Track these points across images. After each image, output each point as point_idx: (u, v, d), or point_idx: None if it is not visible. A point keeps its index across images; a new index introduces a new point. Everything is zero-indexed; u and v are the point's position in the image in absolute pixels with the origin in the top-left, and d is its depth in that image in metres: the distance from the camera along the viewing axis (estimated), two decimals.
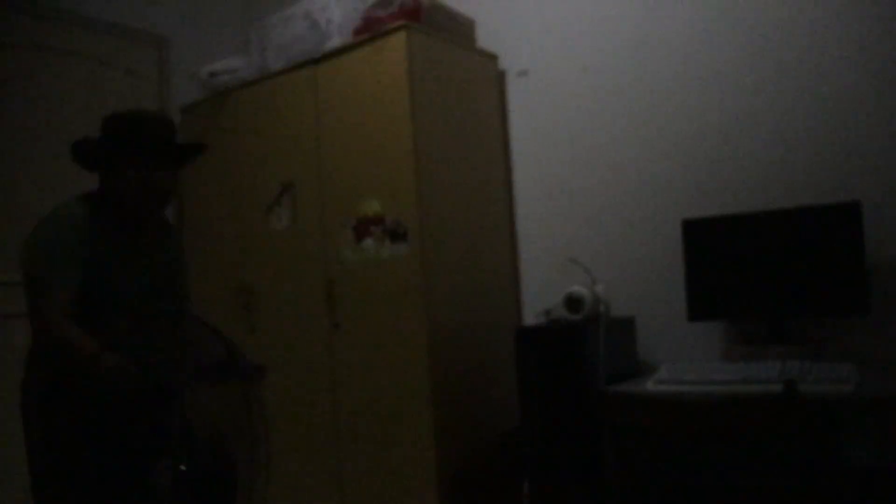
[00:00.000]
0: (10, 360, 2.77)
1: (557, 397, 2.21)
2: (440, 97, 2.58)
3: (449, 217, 2.56)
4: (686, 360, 2.36)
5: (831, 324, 2.17)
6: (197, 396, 1.43)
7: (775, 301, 2.17)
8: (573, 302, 2.36)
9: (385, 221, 2.51)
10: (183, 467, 1.25)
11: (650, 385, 2.03)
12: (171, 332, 1.71)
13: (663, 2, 2.55)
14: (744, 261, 2.23)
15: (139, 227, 1.87)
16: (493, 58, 2.90)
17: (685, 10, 2.50)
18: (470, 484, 2.49)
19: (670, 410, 2.39)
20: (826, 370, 1.85)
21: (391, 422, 2.48)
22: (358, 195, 2.59)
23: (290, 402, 2.78)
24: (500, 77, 2.93)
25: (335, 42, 2.75)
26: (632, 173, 2.60)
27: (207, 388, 1.50)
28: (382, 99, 2.52)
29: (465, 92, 2.72)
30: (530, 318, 2.75)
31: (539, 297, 2.76)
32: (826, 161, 2.23)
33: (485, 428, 2.58)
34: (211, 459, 1.31)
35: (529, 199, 2.86)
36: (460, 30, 2.81)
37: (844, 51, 2.21)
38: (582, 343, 2.20)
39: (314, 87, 2.74)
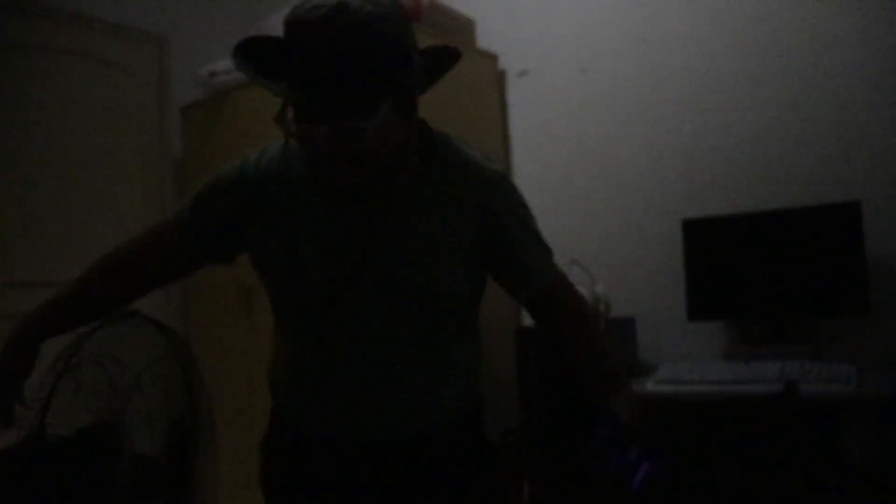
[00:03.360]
0: None
1: (557, 397, 2.21)
2: (440, 97, 2.56)
3: None
4: (686, 360, 2.36)
5: (831, 324, 2.17)
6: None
7: (775, 301, 2.17)
8: None
9: None
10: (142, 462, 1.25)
11: (650, 385, 2.03)
12: (404, 363, 1.17)
13: (663, 2, 2.55)
14: (744, 261, 2.23)
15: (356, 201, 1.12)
16: (493, 58, 2.90)
17: (685, 10, 2.50)
18: None
19: (670, 410, 2.39)
20: (826, 370, 1.85)
21: None
22: None
23: None
24: (500, 77, 2.93)
25: None
26: (632, 173, 2.60)
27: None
28: None
29: (465, 92, 2.71)
30: (530, 318, 2.74)
31: None
32: (826, 161, 2.23)
33: (485, 427, 2.57)
34: (169, 452, 1.29)
35: (529, 199, 2.82)
36: (460, 30, 2.81)
37: (845, 51, 2.20)
38: None
39: None
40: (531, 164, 2.85)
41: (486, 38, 2.93)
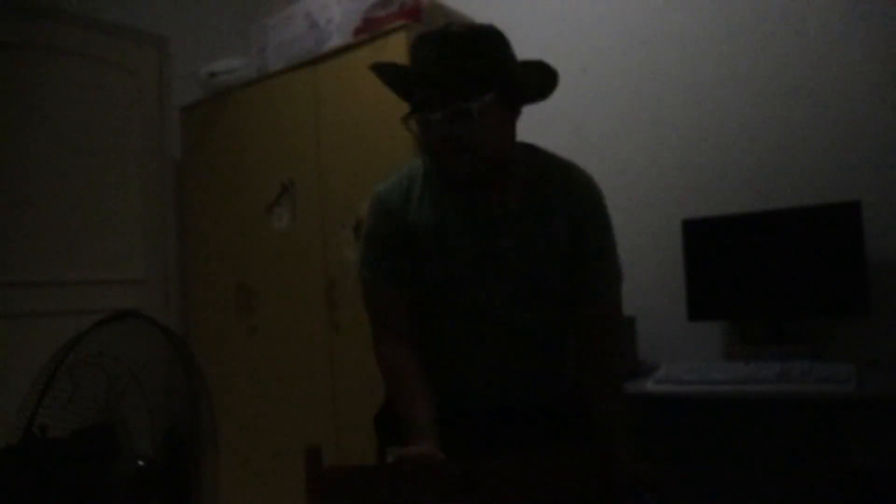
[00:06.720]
0: (13, 361, 2.78)
1: None
2: None
3: None
4: (686, 360, 2.36)
5: (831, 324, 2.17)
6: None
7: (775, 301, 2.17)
8: None
9: None
10: (141, 462, 1.24)
11: (650, 385, 2.03)
12: (529, 358, 1.41)
13: (663, 2, 2.55)
14: (744, 261, 2.23)
15: (483, 199, 1.37)
16: None
17: (685, 10, 2.50)
18: None
19: (670, 410, 2.40)
20: (826, 370, 1.85)
21: None
22: (358, 195, 2.59)
23: (289, 403, 2.78)
24: None
25: (335, 42, 2.75)
26: (632, 173, 2.60)
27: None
28: (382, 99, 2.52)
29: None
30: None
31: None
32: (826, 161, 2.23)
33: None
34: (168, 453, 1.29)
35: None
36: None
37: (845, 51, 2.20)
38: None
39: (314, 87, 2.74)
40: None
41: None
